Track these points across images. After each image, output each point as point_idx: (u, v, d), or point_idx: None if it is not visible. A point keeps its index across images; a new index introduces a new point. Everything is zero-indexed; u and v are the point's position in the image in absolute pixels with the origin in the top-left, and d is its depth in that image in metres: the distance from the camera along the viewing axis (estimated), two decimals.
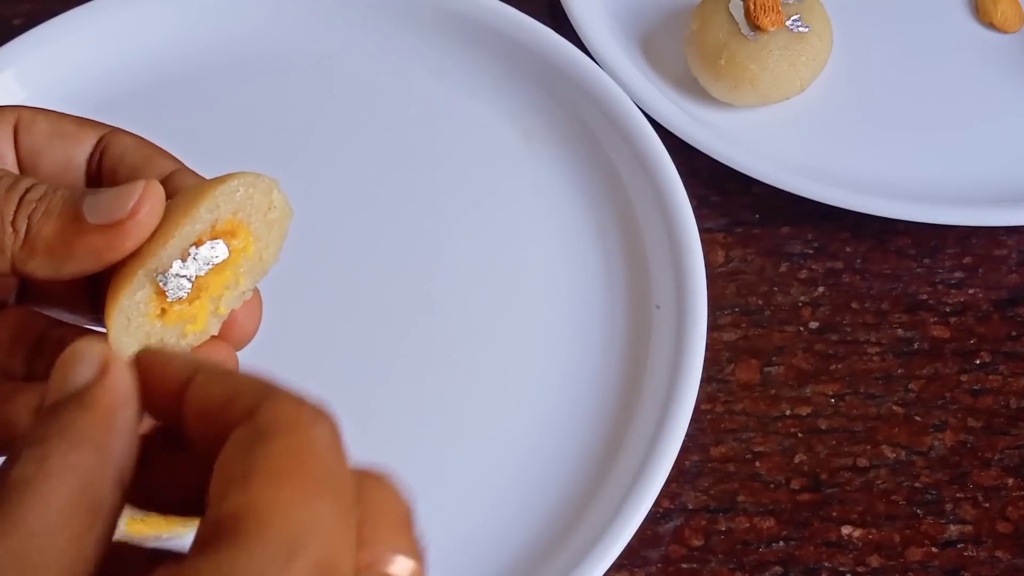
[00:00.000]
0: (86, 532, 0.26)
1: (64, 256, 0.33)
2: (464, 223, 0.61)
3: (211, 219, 0.34)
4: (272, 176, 0.36)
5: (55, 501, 0.26)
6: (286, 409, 0.26)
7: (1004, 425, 0.57)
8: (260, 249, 0.36)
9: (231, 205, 0.35)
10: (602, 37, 0.66)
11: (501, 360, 0.58)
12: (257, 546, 0.24)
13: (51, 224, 0.33)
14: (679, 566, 0.54)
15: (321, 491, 0.25)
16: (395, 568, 0.26)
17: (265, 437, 0.25)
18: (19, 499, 0.26)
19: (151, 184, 0.33)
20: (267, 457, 0.25)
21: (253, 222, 0.35)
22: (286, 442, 0.25)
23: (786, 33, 0.63)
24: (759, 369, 0.58)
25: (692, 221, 0.58)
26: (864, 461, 0.56)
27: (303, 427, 0.26)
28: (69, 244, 0.33)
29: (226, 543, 0.24)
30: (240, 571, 0.23)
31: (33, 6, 0.70)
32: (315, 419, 0.26)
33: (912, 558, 0.54)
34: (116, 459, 0.27)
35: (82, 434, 0.27)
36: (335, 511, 0.25)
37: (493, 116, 0.65)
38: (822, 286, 0.61)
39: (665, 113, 0.63)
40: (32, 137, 0.37)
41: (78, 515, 0.26)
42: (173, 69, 0.66)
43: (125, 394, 0.27)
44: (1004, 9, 0.68)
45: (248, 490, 0.25)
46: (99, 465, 0.26)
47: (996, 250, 0.62)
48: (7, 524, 0.26)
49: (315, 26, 0.67)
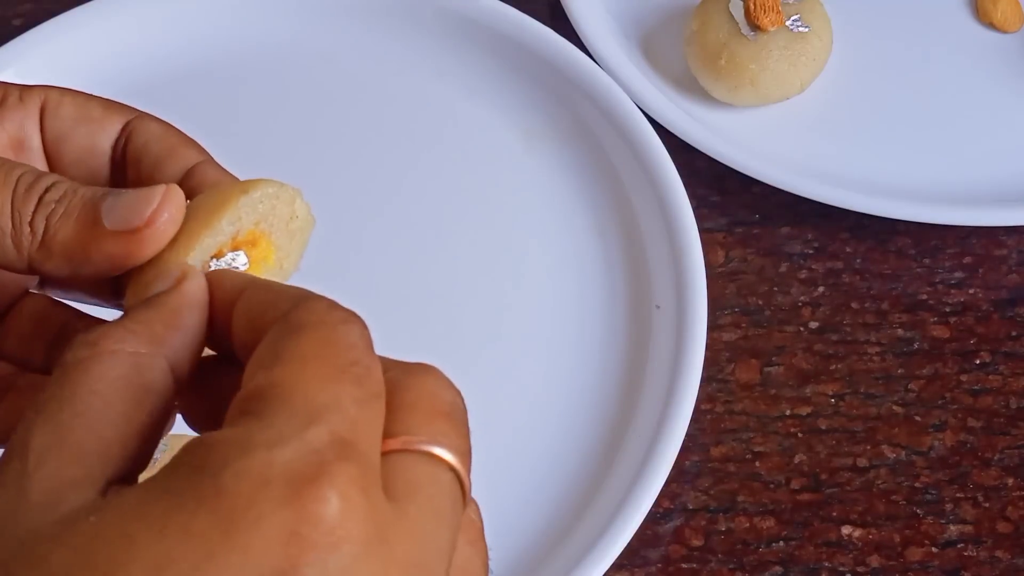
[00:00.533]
0: (133, 412, 0.27)
1: (81, 259, 0.33)
2: (464, 223, 0.61)
3: (232, 231, 0.34)
4: (296, 186, 0.35)
5: (103, 383, 0.27)
6: (318, 307, 0.28)
7: (1004, 425, 0.57)
8: (281, 259, 0.35)
9: (253, 216, 0.34)
10: (602, 37, 0.66)
11: (501, 360, 0.58)
12: (277, 415, 0.25)
13: (68, 227, 0.33)
14: (679, 566, 0.54)
15: (344, 376, 0.26)
16: (422, 447, 0.27)
17: (295, 329, 0.27)
18: (67, 379, 0.27)
19: (170, 190, 0.33)
20: (295, 345, 0.27)
21: (275, 232, 0.35)
22: (314, 333, 0.27)
23: (786, 33, 0.63)
24: (759, 369, 0.58)
25: (692, 221, 0.58)
26: (864, 461, 0.56)
27: (331, 323, 0.27)
28: (86, 248, 0.33)
29: (249, 416, 0.25)
30: (257, 438, 0.24)
31: (33, 6, 0.70)
32: (345, 318, 0.28)
33: (912, 558, 0.54)
34: (171, 351, 0.29)
35: (140, 325, 0.29)
36: (357, 395, 0.26)
37: (493, 116, 0.65)
38: (822, 286, 0.61)
39: (665, 113, 0.63)
40: (58, 121, 0.37)
41: (126, 395, 0.27)
42: (172, 69, 0.66)
43: (193, 298, 0.30)
44: (1004, 9, 0.68)
45: (273, 370, 0.26)
46: (152, 354, 0.28)
47: (996, 250, 0.62)
48: (53, 404, 0.27)
49: (315, 26, 0.67)
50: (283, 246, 0.35)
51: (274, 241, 0.35)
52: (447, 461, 0.27)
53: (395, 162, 0.63)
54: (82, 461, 0.26)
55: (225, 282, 0.30)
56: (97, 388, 0.27)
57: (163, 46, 0.66)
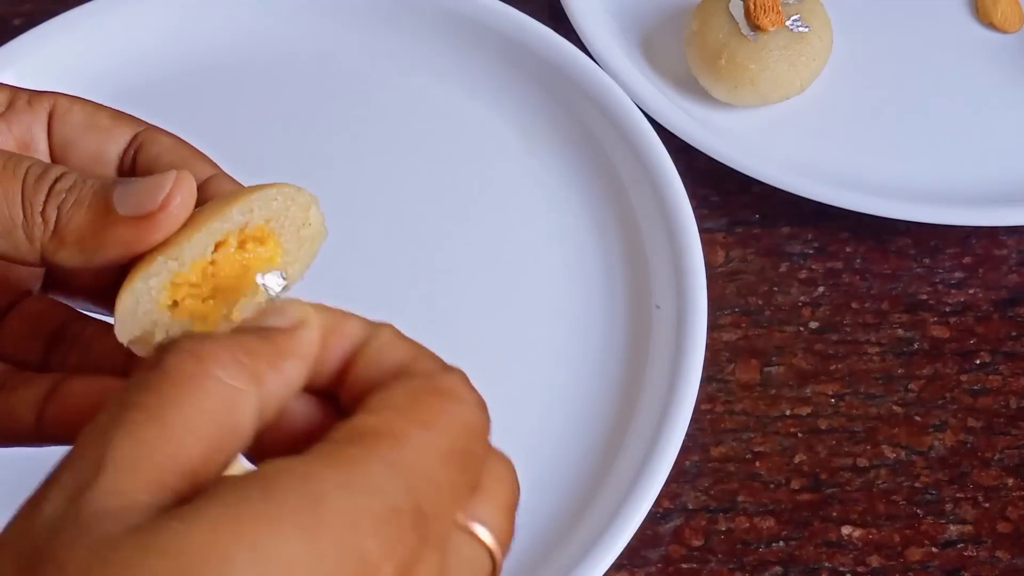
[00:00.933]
0: (215, 454, 0.27)
1: (94, 247, 0.33)
2: (464, 223, 0.61)
3: (242, 221, 0.34)
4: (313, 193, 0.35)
5: (197, 413, 0.27)
6: (463, 380, 0.29)
7: (1004, 425, 0.57)
8: (286, 263, 0.35)
9: (265, 212, 0.34)
10: (602, 37, 0.66)
11: (501, 360, 0.58)
12: (391, 466, 0.26)
13: (81, 215, 0.33)
14: (679, 566, 0.54)
15: (454, 455, 0.27)
16: (480, 534, 0.29)
17: (438, 392, 0.28)
18: (161, 391, 0.27)
19: (182, 175, 0.33)
20: (434, 404, 0.28)
21: (284, 234, 0.35)
22: (455, 405, 0.28)
23: (786, 33, 0.63)
24: (759, 369, 0.58)
25: (692, 221, 0.58)
26: (864, 461, 0.56)
27: (472, 403, 0.28)
28: (99, 235, 0.33)
29: (339, 456, 0.26)
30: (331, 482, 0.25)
31: (33, 6, 0.70)
32: (481, 404, 0.29)
33: (912, 558, 0.54)
34: (267, 394, 0.28)
35: (248, 357, 0.28)
36: (458, 480, 0.27)
37: (493, 116, 0.65)
38: (822, 286, 0.61)
39: (665, 113, 0.63)
40: (66, 127, 0.37)
41: (214, 434, 0.27)
42: (172, 69, 0.66)
43: (303, 349, 0.29)
44: (1004, 9, 0.68)
45: (400, 418, 0.27)
46: (249, 393, 0.28)
47: (996, 250, 0.62)
48: (140, 415, 0.27)
49: (315, 26, 0.67)
50: (291, 251, 0.35)
51: (282, 244, 0.35)
52: (490, 548, 0.30)
53: (395, 162, 0.63)
54: (155, 487, 0.26)
55: (345, 328, 0.30)
56: (189, 416, 0.27)
57: (163, 46, 0.66)
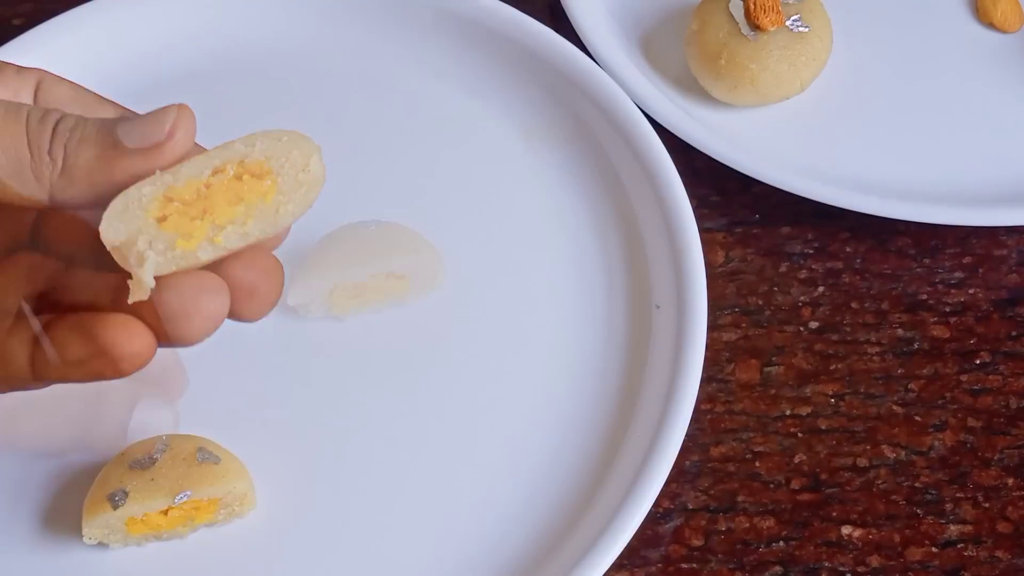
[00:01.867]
0: None
1: (104, 181, 0.34)
2: (463, 223, 0.61)
3: (243, 151, 0.36)
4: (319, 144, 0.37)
5: None
6: None
7: (1004, 425, 0.57)
8: (279, 202, 0.36)
9: (267, 148, 0.36)
10: (602, 37, 0.66)
11: (501, 360, 0.58)
12: None
13: (89, 150, 0.35)
14: (679, 566, 0.54)
15: None
16: None
17: None
18: None
19: (183, 107, 0.35)
20: None
21: (283, 174, 0.36)
22: None
23: (786, 33, 0.63)
24: (759, 369, 0.58)
25: (692, 221, 0.58)
26: (864, 461, 0.56)
27: None
28: (110, 168, 0.34)
29: None
30: None
31: (33, 6, 0.70)
32: None
33: (912, 558, 0.54)
34: None
35: None
36: None
37: (493, 116, 0.65)
38: (822, 286, 0.61)
39: (665, 113, 0.63)
40: (51, 97, 0.39)
41: None
42: (172, 69, 0.66)
43: None
44: (1004, 9, 0.68)
45: None
46: None
47: (996, 250, 0.62)
48: None
49: (315, 26, 0.67)
50: (286, 191, 0.36)
51: (279, 183, 0.36)
52: None
53: (394, 162, 0.63)
54: None
55: None
56: None
57: (162, 46, 0.66)
